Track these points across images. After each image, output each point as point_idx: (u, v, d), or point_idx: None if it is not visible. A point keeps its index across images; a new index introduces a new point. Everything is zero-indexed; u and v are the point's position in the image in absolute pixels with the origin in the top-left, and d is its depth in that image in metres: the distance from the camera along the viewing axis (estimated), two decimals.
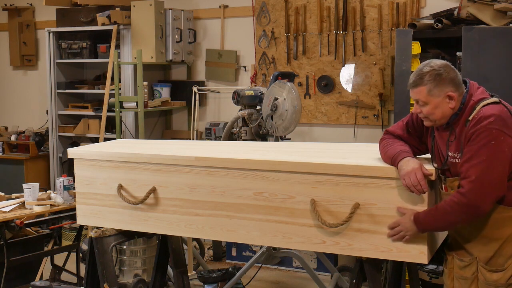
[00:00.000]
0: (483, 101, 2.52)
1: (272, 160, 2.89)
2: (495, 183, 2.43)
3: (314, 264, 5.22)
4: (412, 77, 2.58)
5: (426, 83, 2.52)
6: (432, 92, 2.52)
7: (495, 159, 2.42)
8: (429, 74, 2.53)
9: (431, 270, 4.47)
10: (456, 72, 2.57)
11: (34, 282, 3.88)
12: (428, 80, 2.52)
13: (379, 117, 5.55)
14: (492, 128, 2.42)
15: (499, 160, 2.43)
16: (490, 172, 2.42)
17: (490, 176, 2.42)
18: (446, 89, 2.52)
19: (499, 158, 2.42)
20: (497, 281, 2.54)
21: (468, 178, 2.44)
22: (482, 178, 2.42)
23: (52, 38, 6.38)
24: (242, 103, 4.84)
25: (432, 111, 2.55)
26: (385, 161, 2.72)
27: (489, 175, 2.42)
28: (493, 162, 2.42)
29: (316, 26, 5.75)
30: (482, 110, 2.48)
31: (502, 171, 2.44)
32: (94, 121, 6.26)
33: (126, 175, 3.26)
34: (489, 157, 2.42)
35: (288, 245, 2.95)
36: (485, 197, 2.43)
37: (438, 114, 2.55)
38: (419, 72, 2.56)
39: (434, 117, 2.56)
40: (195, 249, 5.33)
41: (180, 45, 6.14)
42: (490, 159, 2.42)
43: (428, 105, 2.55)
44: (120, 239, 3.47)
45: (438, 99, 2.53)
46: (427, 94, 2.53)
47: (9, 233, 4.29)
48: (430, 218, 2.52)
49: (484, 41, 4.30)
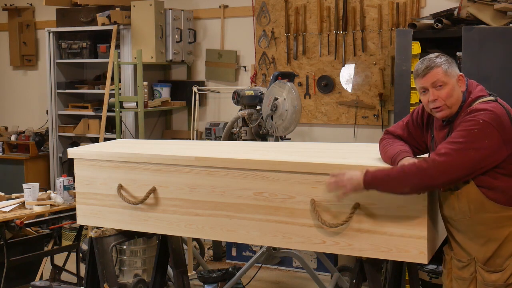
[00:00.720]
0: (480, 98, 2.53)
1: (272, 160, 2.89)
2: (461, 166, 2.41)
3: (314, 264, 5.22)
4: (422, 65, 2.55)
5: (440, 64, 2.52)
6: (448, 72, 2.52)
7: (470, 145, 2.39)
8: (440, 57, 2.55)
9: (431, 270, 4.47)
10: None
11: (34, 282, 3.88)
12: (443, 62, 2.53)
13: (379, 117, 5.55)
14: (480, 119, 2.42)
15: (474, 149, 2.39)
16: (461, 154, 2.39)
17: (459, 159, 2.40)
18: (457, 70, 2.55)
19: (474, 147, 2.40)
20: (496, 282, 2.54)
21: (438, 151, 2.43)
22: (450, 156, 2.39)
23: (52, 38, 6.38)
24: (242, 103, 4.84)
25: (450, 93, 2.51)
26: (385, 161, 2.72)
27: (459, 157, 2.39)
28: (468, 146, 2.39)
29: (316, 26, 5.76)
30: (476, 104, 2.49)
31: (472, 159, 2.40)
32: (94, 121, 6.26)
33: (126, 175, 3.26)
34: (466, 142, 2.40)
35: (288, 245, 2.95)
36: (444, 173, 2.41)
37: (455, 96, 2.53)
38: (428, 58, 2.56)
39: (452, 100, 2.52)
40: (195, 249, 5.33)
41: (180, 45, 6.14)
42: (466, 143, 2.40)
43: (446, 87, 2.51)
44: (120, 239, 3.48)
45: (454, 80, 2.53)
46: (445, 74, 2.51)
47: (9, 233, 4.29)
48: (381, 174, 2.50)
49: (484, 41, 4.30)
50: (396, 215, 2.62)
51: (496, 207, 2.50)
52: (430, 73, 2.52)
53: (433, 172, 2.41)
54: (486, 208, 2.51)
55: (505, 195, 2.50)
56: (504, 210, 2.51)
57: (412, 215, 2.59)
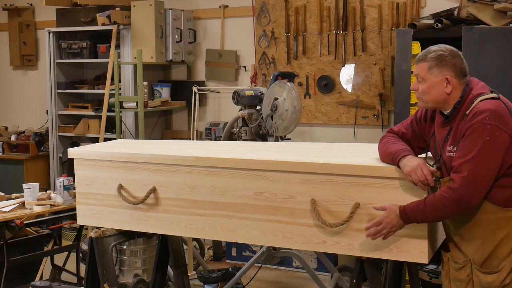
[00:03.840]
0: (481, 95, 2.53)
1: (272, 160, 2.89)
2: (487, 179, 2.44)
3: (314, 264, 5.22)
4: (420, 54, 2.62)
5: (428, 60, 2.56)
6: (432, 70, 2.55)
7: (488, 155, 2.42)
8: (434, 52, 2.57)
9: (431, 270, 4.48)
10: (463, 61, 2.59)
11: (34, 282, 3.87)
12: (431, 58, 2.56)
13: (379, 117, 5.55)
14: (487, 124, 2.42)
15: (492, 157, 2.42)
16: (483, 168, 2.42)
17: (483, 172, 2.42)
18: (446, 71, 2.55)
19: (492, 155, 2.42)
20: (492, 283, 2.54)
21: (461, 173, 2.43)
22: (474, 173, 2.41)
23: (52, 38, 6.38)
24: (242, 103, 4.84)
25: (427, 90, 2.57)
26: (383, 159, 2.71)
27: (482, 171, 2.42)
28: (486, 158, 2.42)
29: (316, 26, 5.75)
30: (478, 104, 2.49)
31: (495, 167, 2.44)
32: (94, 121, 6.26)
33: (126, 175, 3.26)
34: (483, 153, 2.41)
35: (288, 245, 2.95)
36: (476, 192, 2.43)
37: (432, 95, 2.57)
38: (427, 49, 2.60)
39: (428, 97, 2.58)
40: (195, 249, 5.33)
41: (180, 45, 6.14)
42: (483, 155, 2.41)
43: (425, 83, 2.57)
44: (120, 239, 3.48)
45: (436, 79, 2.55)
46: (427, 71, 2.56)
47: (9, 233, 4.28)
48: (418, 213, 2.50)
49: (484, 41, 4.30)
50: None
51: (494, 208, 2.51)
52: (417, 64, 2.61)
53: (467, 197, 2.43)
54: (484, 209, 2.52)
55: (503, 197, 2.50)
56: (502, 212, 2.51)
57: None
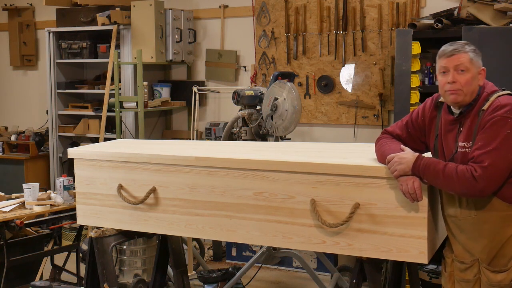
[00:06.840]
0: (496, 92, 2.55)
1: (272, 160, 2.89)
2: (504, 172, 2.45)
3: (314, 264, 5.22)
4: (451, 46, 2.57)
5: (468, 51, 2.55)
6: (474, 61, 2.55)
7: (507, 148, 2.43)
8: (469, 45, 2.57)
9: (431, 270, 4.47)
10: None
11: (34, 282, 3.88)
12: (470, 49, 2.56)
13: (379, 117, 5.55)
14: (508, 117, 2.45)
15: (511, 151, 2.44)
16: (503, 160, 2.43)
17: (502, 165, 2.43)
18: (481, 63, 2.57)
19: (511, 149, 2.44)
20: (501, 282, 2.53)
21: (481, 163, 2.43)
22: (495, 165, 2.42)
23: (52, 38, 6.39)
24: (242, 103, 4.84)
25: (470, 81, 2.54)
26: (380, 161, 2.71)
27: (500, 163, 2.43)
28: (505, 151, 2.43)
29: (316, 26, 5.75)
30: (498, 99, 2.51)
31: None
32: (94, 121, 6.26)
33: (126, 175, 3.26)
34: (503, 146, 2.43)
35: (288, 245, 2.95)
36: (493, 184, 2.44)
37: (474, 86, 2.55)
38: (458, 43, 2.58)
39: (470, 89, 2.55)
40: (195, 249, 5.33)
41: (180, 45, 6.14)
42: (503, 148, 2.43)
43: (468, 73, 2.54)
44: (120, 239, 3.48)
45: (476, 70, 2.56)
46: (470, 61, 2.54)
47: (9, 233, 4.29)
48: (431, 172, 2.49)
49: (484, 41, 4.30)
50: (396, 215, 2.62)
51: (504, 205, 2.51)
52: (456, 55, 2.55)
53: (484, 187, 2.43)
54: (493, 206, 2.52)
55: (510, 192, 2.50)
56: (509, 209, 2.50)
57: (412, 215, 2.59)
